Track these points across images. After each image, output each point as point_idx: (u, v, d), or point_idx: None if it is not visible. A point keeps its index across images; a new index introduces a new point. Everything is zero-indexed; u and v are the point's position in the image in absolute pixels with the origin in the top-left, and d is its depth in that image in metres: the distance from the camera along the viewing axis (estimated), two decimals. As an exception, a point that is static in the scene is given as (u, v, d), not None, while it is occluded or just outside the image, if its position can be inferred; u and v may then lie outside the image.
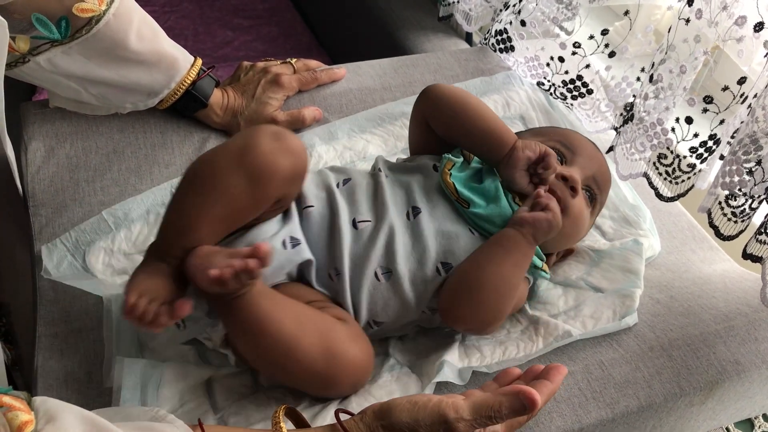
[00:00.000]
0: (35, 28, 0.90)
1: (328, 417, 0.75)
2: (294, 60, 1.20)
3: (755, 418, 1.35)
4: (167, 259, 0.73)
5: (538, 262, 0.87)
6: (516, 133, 1.02)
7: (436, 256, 0.82)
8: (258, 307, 0.71)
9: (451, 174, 0.86)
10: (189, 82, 1.06)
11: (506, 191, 0.87)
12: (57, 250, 0.94)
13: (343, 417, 0.67)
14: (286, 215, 0.82)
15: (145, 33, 0.98)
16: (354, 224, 0.82)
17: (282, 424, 0.66)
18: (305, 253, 0.80)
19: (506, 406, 0.65)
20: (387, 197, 0.85)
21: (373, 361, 0.79)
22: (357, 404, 0.78)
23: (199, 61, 1.07)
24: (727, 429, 1.09)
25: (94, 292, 0.88)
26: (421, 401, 0.66)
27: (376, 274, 0.81)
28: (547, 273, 0.89)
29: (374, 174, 0.90)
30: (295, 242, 0.80)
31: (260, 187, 0.74)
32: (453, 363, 0.82)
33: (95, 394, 0.81)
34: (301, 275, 0.82)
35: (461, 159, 0.90)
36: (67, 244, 0.95)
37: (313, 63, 1.22)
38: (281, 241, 0.79)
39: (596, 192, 0.93)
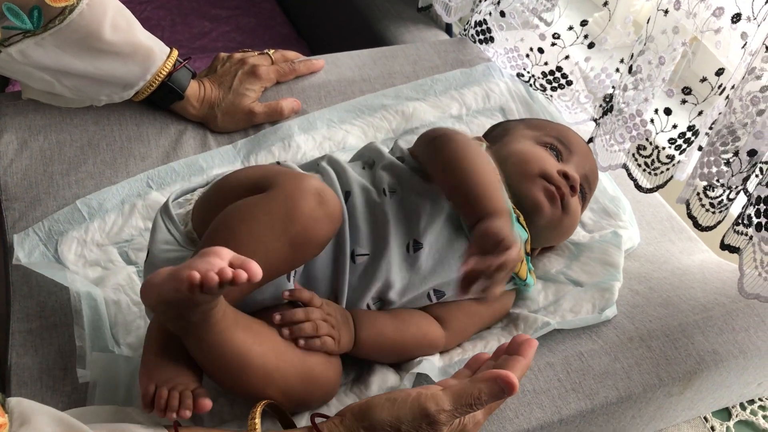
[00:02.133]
0: (6, 18, 0.88)
1: (306, 415, 0.75)
2: (272, 51, 1.18)
3: (733, 407, 1.36)
4: None
5: (531, 280, 0.87)
6: (508, 122, 1.01)
7: (430, 285, 0.82)
8: (233, 342, 0.67)
9: None
10: (165, 73, 1.04)
11: (513, 209, 0.84)
12: (29, 240, 0.93)
13: (319, 420, 0.66)
14: None
15: (120, 24, 0.97)
16: (353, 257, 0.78)
17: (257, 420, 0.64)
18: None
19: (485, 392, 0.64)
20: (389, 227, 0.79)
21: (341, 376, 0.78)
22: (337, 400, 0.78)
23: (175, 53, 1.06)
24: (705, 418, 1.10)
25: (64, 283, 0.87)
26: (400, 397, 0.65)
27: (368, 306, 0.80)
28: (532, 284, 0.90)
29: (377, 190, 0.82)
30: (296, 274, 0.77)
31: (299, 255, 0.71)
32: (433, 361, 0.81)
33: (70, 390, 0.80)
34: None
35: None
36: (40, 233, 0.94)
37: (292, 54, 1.21)
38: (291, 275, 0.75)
39: (587, 190, 0.94)
